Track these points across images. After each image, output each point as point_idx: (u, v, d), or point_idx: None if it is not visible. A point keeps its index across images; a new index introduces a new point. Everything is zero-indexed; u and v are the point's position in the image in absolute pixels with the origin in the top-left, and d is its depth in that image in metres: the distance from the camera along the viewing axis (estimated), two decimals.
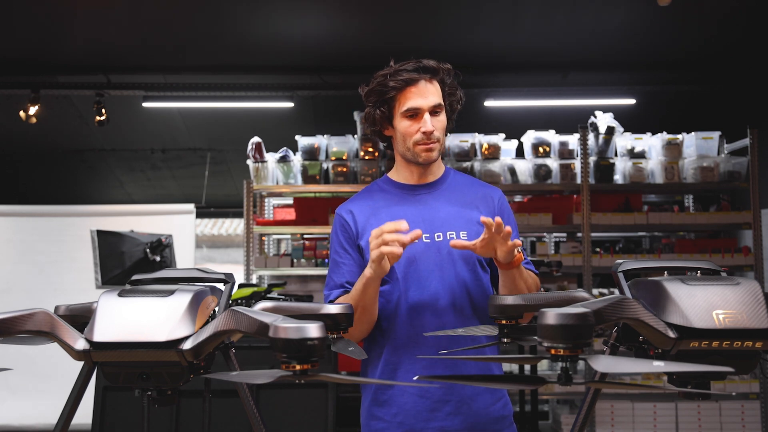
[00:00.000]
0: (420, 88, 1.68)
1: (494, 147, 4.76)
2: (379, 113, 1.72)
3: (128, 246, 4.53)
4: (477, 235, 1.67)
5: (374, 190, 1.83)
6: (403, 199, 1.77)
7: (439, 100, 1.70)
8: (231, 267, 9.87)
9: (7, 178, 8.60)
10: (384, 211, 1.74)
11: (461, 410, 1.66)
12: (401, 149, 1.75)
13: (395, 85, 1.67)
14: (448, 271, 1.68)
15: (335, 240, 1.78)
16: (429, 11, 5.05)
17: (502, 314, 1.30)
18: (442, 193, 1.77)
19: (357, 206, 1.78)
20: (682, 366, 0.91)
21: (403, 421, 1.67)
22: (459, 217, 1.72)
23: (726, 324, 1.02)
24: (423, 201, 1.76)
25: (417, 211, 1.73)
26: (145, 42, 5.57)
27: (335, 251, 1.77)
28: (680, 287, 1.07)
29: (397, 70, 1.68)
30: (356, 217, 1.75)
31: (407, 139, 1.71)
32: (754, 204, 4.53)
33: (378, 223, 1.69)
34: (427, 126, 1.67)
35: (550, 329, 0.92)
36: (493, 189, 1.83)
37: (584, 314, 0.92)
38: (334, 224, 1.80)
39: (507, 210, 1.80)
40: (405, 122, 1.70)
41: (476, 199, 1.77)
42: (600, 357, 0.93)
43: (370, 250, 1.52)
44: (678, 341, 1.02)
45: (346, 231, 1.75)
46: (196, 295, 1.11)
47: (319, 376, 0.93)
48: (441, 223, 1.71)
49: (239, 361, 1.25)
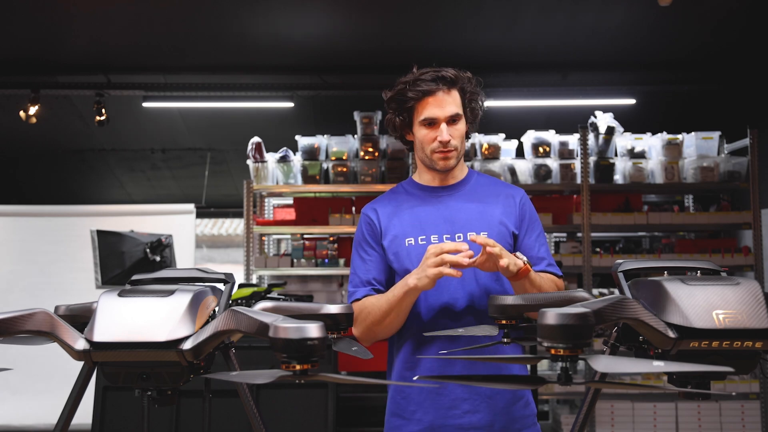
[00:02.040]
0: (438, 98, 1.71)
1: (494, 147, 4.76)
2: (400, 120, 1.77)
3: (128, 246, 4.53)
4: (498, 235, 1.71)
5: (399, 191, 1.86)
6: (425, 200, 1.80)
7: (456, 109, 1.72)
8: (231, 267, 9.87)
9: (7, 178, 8.60)
10: (406, 211, 1.78)
11: (479, 408, 1.68)
12: (420, 155, 1.79)
13: (413, 96, 1.71)
14: (467, 273, 1.69)
15: (361, 237, 1.81)
16: (429, 11, 5.05)
17: (502, 314, 1.30)
18: (464, 194, 1.80)
19: (381, 206, 1.82)
20: (682, 366, 0.91)
21: (422, 418, 1.69)
22: (480, 217, 1.75)
23: (726, 324, 1.02)
24: (444, 202, 1.78)
25: (438, 211, 1.76)
26: (145, 42, 5.57)
27: (361, 248, 1.80)
28: (680, 287, 1.08)
29: (416, 80, 1.72)
30: (380, 216, 1.79)
31: (425, 147, 1.75)
32: (754, 204, 4.53)
33: (400, 223, 1.75)
34: (443, 136, 1.71)
35: (550, 329, 0.92)
36: (516, 189, 1.85)
37: (584, 314, 0.92)
38: (360, 223, 1.84)
39: (529, 210, 1.82)
40: (423, 130, 1.73)
41: (498, 199, 1.79)
42: (600, 357, 0.93)
43: (427, 267, 1.56)
44: (678, 341, 1.03)
45: (372, 230, 1.79)
46: (196, 295, 1.11)
47: (319, 376, 0.93)
48: (462, 224, 1.74)
49: (239, 361, 1.25)
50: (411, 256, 1.71)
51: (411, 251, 1.72)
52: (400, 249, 1.73)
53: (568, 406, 4.83)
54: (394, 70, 6.53)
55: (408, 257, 1.71)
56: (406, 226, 1.75)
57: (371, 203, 1.86)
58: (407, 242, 1.73)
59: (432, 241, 1.72)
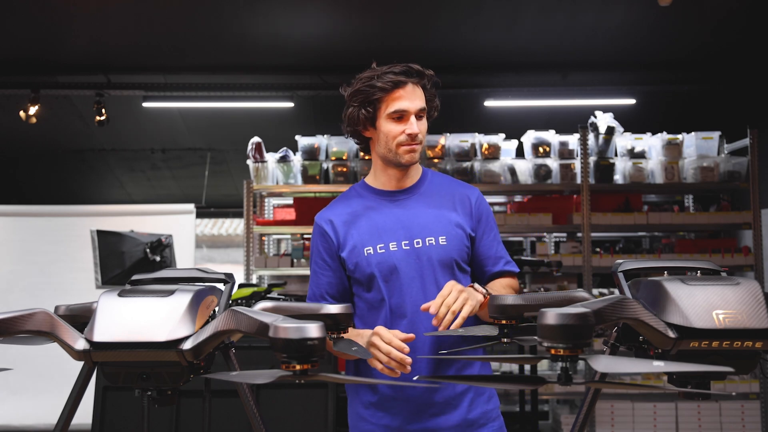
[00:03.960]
0: (407, 90, 1.68)
1: (494, 147, 4.76)
2: (364, 114, 1.71)
3: (128, 246, 4.53)
4: (455, 238, 1.71)
5: (352, 195, 1.82)
6: (381, 205, 1.76)
7: (423, 104, 1.71)
8: (231, 267, 9.87)
9: (7, 178, 8.60)
10: (363, 218, 1.75)
11: (445, 411, 1.69)
12: (382, 151, 1.74)
13: (383, 86, 1.67)
14: (428, 277, 1.69)
15: (315, 250, 1.79)
16: (429, 11, 5.05)
17: (501, 314, 1.30)
18: (420, 197, 1.78)
19: (336, 215, 1.77)
20: (682, 366, 0.91)
21: (389, 424, 1.70)
22: (437, 221, 1.73)
23: (726, 324, 1.02)
24: (402, 206, 1.76)
25: (395, 217, 1.74)
26: (145, 42, 5.57)
27: (315, 261, 1.78)
28: (680, 287, 1.07)
29: (385, 72, 1.68)
30: (336, 228, 1.75)
31: (390, 141, 1.70)
32: (754, 204, 4.52)
33: (358, 234, 1.72)
34: (413, 128, 1.68)
35: (550, 329, 0.92)
36: (471, 189, 1.83)
37: (584, 314, 0.92)
38: (314, 234, 1.81)
39: (485, 210, 1.80)
40: (390, 124, 1.69)
41: (454, 200, 1.78)
42: (600, 357, 0.93)
43: (374, 355, 1.54)
44: (678, 341, 1.02)
45: (327, 243, 1.76)
46: (196, 295, 1.11)
47: (319, 376, 0.93)
48: (420, 229, 1.72)
49: (239, 361, 1.25)
50: (372, 265, 1.70)
51: (371, 260, 1.70)
52: (360, 259, 1.71)
53: (568, 406, 4.83)
54: None
55: (369, 266, 1.70)
56: (364, 235, 1.72)
57: (324, 212, 1.81)
58: (366, 252, 1.71)
59: (390, 249, 1.69)
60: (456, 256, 1.72)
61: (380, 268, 1.68)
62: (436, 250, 1.70)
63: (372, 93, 1.68)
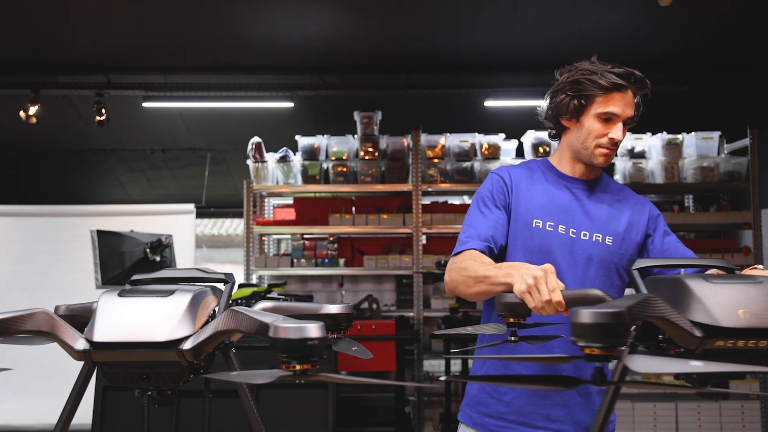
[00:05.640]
0: (624, 96, 1.67)
1: (494, 147, 4.76)
2: (575, 104, 1.69)
3: (128, 246, 4.53)
4: (622, 243, 1.70)
5: (534, 168, 1.81)
6: (560, 186, 1.76)
7: (633, 113, 1.69)
8: (231, 267, 9.88)
9: (7, 178, 8.60)
10: (540, 189, 1.74)
11: (569, 403, 1.67)
12: (577, 145, 1.73)
13: (604, 85, 1.65)
14: (581, 272, 1.67)
15: (487, 194, 1.74)
16: (429, 11, 5.05)
17: (509, 312, 1.29)
18: (598, 193, 1.77)
19: (515, 172, 1.77)
20: (720, 366, 0.89)
21: (512, 401, 1.68)
22: (610, 220, 1.72)
23: (752, 322, 1.00)
24: (578, 195, 1.75)
25: (569, 202, 1.72)
26: (145, 42, 5.57)
27: (484, 203, 1.73)
28: (704, 285, 1.05)
29: (608, 71, 1.67)
30: (513, 180, 1.74)
31: (590, 139, 1.69)
32: (754, 204, 4.53)
33: (531, 197, 1.70)
34: (618, 134, 1.67)
35: (585, 328, 0.89)
36: (644, 199, 1.84)
37: (620, 313, 0.89)
38: (487, 183, 1.77)
39: (662, 223, 1.83)
40: (596, 123, 1.68)
41: (627, 205, 1.77)
42: (637, 357, 0.91)
43: (531, 293, 1.32)
44: (703, 340, 1.00)
45: (502, 190, 1.73)
46: (196, 295, 1.11)
47: (319, 376, 0.93)
48: (590, 222, 1.71)
49: (239, 361, 1.25)
50: (534, 239, 1.67)
51: (535, 234, 1.68)
52: (526, 228, 1.69)
53: None
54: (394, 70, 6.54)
55: (531, 238, 1.68)
56: (536, 205, 1.71)
57: (504, 167, 1.79)
58: (534, 223, 1.69)
59: (559, 231, 1.68)
60: (617, 261, 1.70)
61: (540, 246, 1.66)
62: (599, 248, 1.68)
63: (590, 88, 1.67)
